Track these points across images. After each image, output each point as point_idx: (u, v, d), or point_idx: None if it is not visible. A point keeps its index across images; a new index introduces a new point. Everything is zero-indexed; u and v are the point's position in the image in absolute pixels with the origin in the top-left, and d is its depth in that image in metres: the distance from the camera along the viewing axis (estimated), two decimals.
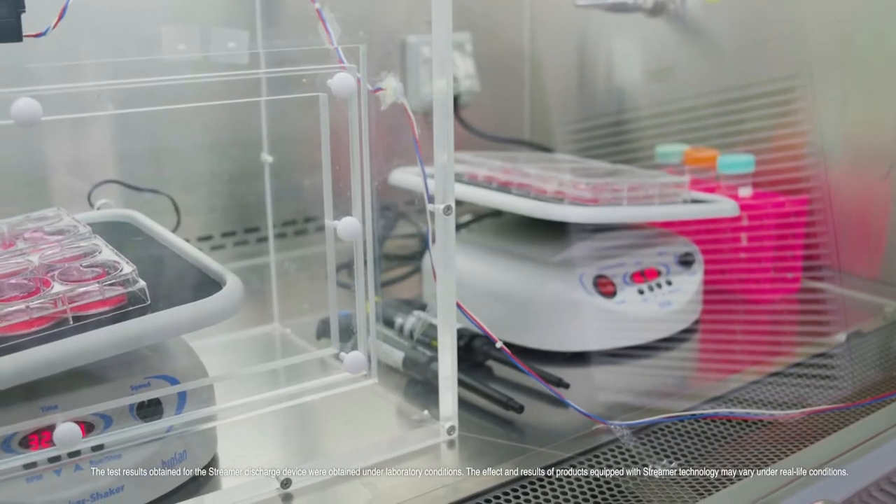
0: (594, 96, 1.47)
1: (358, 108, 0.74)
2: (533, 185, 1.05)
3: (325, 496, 0.75)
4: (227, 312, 0.73)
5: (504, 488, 0.75)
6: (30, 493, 0.67)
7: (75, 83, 0.65)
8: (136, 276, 0.73)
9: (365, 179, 0.76)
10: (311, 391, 0.79)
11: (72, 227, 0.86)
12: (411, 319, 0.98)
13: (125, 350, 0.70)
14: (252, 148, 1.20)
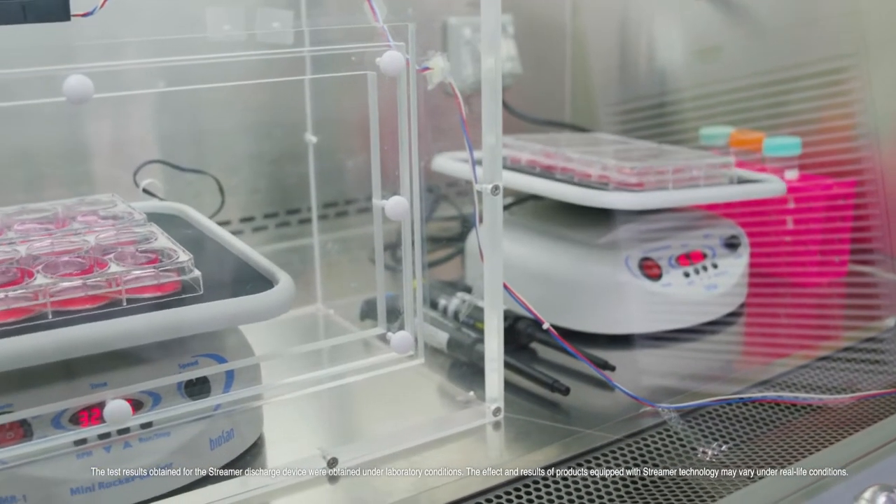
0: (636, 78, 1.46)
1: (406, 86, 0.74)
2: (576, 170, 1.04)
3: (371, 476, 0.74)
4: (280, 309, 0.73)
5: (551, 469, 0.75)
6: (80, 469, 0.68)
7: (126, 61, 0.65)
8: (192, 265, 0.73)
9: (413, 159, 0.76)
10: (358, 371, 0.79)
11: (126, 213, 0.87)
12: (455, 301, 0.98)
13: (176, 336, 0.70)
14: (293, 129, 1.20)
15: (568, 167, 1.05)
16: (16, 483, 0.66)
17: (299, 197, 1.29)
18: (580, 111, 1.53)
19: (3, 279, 0.71)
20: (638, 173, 0.99)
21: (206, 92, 1.22)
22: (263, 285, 0.75)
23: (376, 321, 0.98)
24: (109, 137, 1.17)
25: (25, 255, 0.76)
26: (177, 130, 1.21)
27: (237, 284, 0.76)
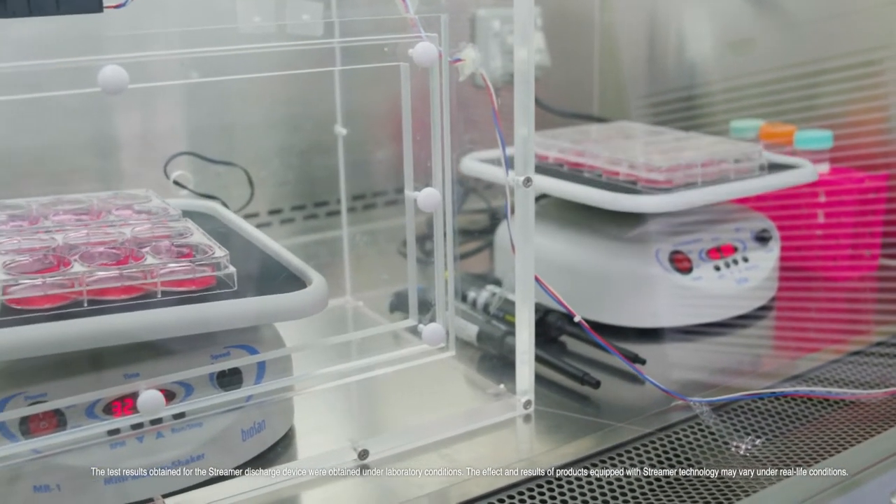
0: (665, 71, 1.45)
1: (439, 77, 0.73)
2: (605, 168, 1.03)
3: (402, 468, 0.74)
4: (315, 308, 0.74)
5: (584, 462, 0.74)
6: (113, 459, 0.68)
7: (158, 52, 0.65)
8: (227, 261, 0.73)
9: (445, 150, 0.75)
10: (389, 363, 0.79)
11: (161, 208, 0.87)
12: (484, 294, 0.98)
13: (211, 330, 0.70)
14: (321, 122, 1.21)
15: (595, 165, 1.05)
16: (50, 472, 0.67)
17: (327, 189, 1.29)
18: (608, 104, 1.52)
19: (40, 266, 0.71)
20: (666, 171, 0.98)
21: (235, 84, 1.22)
22: (296, 284, 0.75)
23: (406, 313, 0.98)
24: (137, 130, 1.18)
25: (62, 244, 0.76)
26: (205, 123, 1.21)
27: (270, 282, 0.76)
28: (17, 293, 0.68)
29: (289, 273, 0.79)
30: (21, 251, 0.75)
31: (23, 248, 0.76)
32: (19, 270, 0.70)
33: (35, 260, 0.72)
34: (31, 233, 0.79)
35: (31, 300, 0.68)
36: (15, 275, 0.69)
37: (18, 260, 0.72)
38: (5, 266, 0.70)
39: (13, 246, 0.76)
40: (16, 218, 0.84)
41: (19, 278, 0.68)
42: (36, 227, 0.81)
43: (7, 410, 0.66)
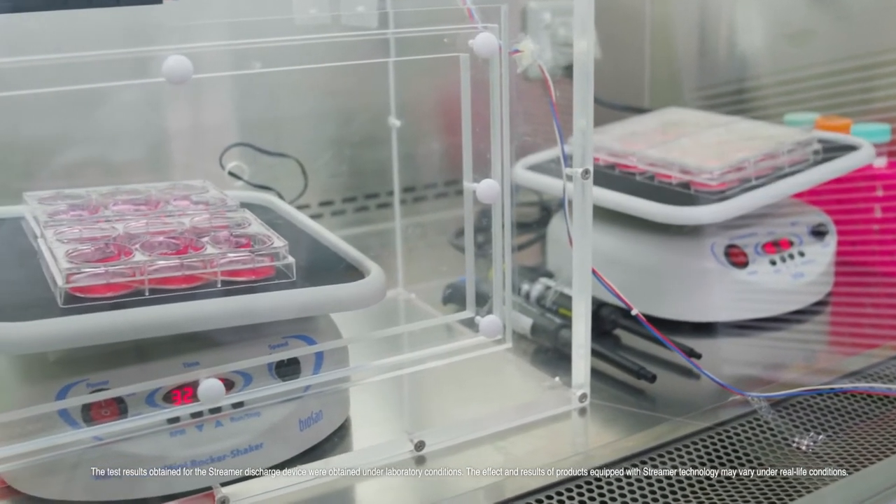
0: (716, 63, 1.44)
1: (499, 68, 0.73)
2: (658, 173, 1.03)
3: (458, 460, 0.74)
4: (374, 298, 0.74)
5: (642, 457, 0.74)
6: (173, 447, 0.69)
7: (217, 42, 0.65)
8: (287, 251, 0.73)
9: (505, 142, 0.75)
10: (446, 354, 0.79)
11: (219, 199, 0.87)
12: (538, 286, 0.97)
13: (269, 319, 0.71)
14: (371, 114, 1.21)
15: (646, 168, 1.04)
16: (112, 459, 0.67)
17: (378, 181, 1.29)
18: (659, 96, 1.50)
19: (101, 255, 0.72)
20: (719, 175, 0.98)
21: (286, 77, 1.22)
22: (354, 275, 0.75)
23: (459, 305, 0.98)
24: (189, 123, 1.18)
25: (122, 234, 0.77)
26: (256, 115, 1.22)
27: (327, 273, 0.76)
28: (80, 282, 0.68)
29: (346, 263, 0.79)
30: (82, 240, 0.75)
31: (84, 237, 0.76)
32: (81, 259, 0.71)
33: (96, 249, 0.73)
34: (91, 222, 0.80)
35: (93, 289, 0.69)
36: (77, 263, 0.70)
37: (80, 249, 0.73)
38: (68, 255, 0.71)
39: (74, 235, 0.76)
40: (76, 207, 0.84)
41: (82, 267, 0.69)
42: (96, 217, 0.82)
43: (69, 397, 0.67)
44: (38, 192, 0.88)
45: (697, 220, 0.96)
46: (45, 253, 0.73)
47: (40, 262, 0.75)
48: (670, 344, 0.84)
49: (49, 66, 0.61)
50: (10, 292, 0.72)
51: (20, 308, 0.67)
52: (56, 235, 0.76)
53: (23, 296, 0.71)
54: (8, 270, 0.77)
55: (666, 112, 1.24)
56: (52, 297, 0.68)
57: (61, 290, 0.67)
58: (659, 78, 1.51)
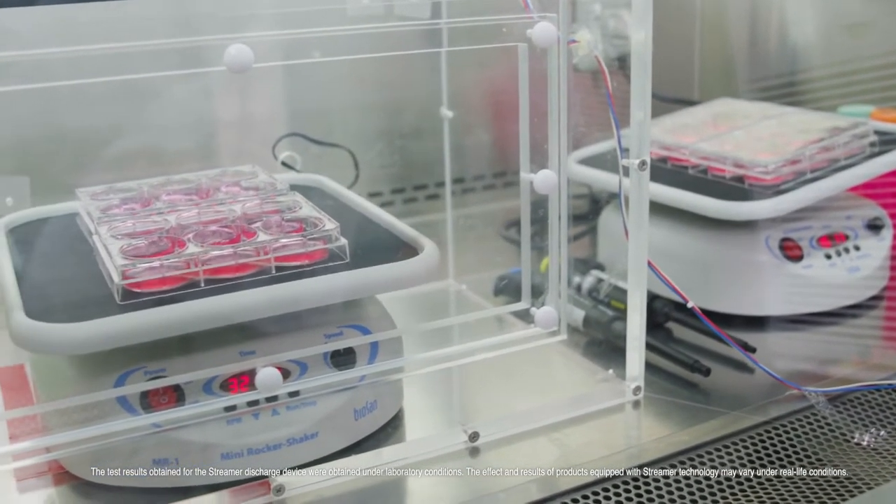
0: (767, 54, 1.42)
1: (558, 58, 0.73)
2: (711, 166, 1.02)
3: (512, 451, 0.74)
4: (428, 275, 0.74)
5: (698, 451, 0.73)
6: (230, 435, 0.69)
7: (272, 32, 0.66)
8: (339, 233, 0.73)
9: (562, 132, 0.75)
10: (501, 346, 0.78)
11: (268, 183, 0.88)
12: (589, 279, 0.97)
13: (325, 303, 0.71)
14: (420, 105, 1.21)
15: (699, 162, 1.03)
16: (169, 446, 0.68)
17: (426, 172, 1.29)
18: (710, 88, 1.49)
19: (156, 248, 0.72)
20: (774, 169, 0.96)
21: (337, 68, 1.22)
22: (409, 253, 0.75)
23: (511, 297, 0.98)
24: (239, 113, 1.19)
25: (175, 225, 0.77)
26: (307, 106, 1.22)
27: (382, 252, 0.76)
28: (136, 277, 0.69)
29: (399, 241, 0.79)
30: (136, 234, 0.76)
31: (137, 231, 0.77)
32: (136, 254, 0.71)
33: (150, 243, 0.73)
34: (144, 215, 0.81)
35: (149, 283, 0.69)
36: (132, 259, 0.70)
37: (134, 244, 0.73)
38: (122, 251, 0.71)
39: (128, 230, 0.77)
40: (128, 201, 0.85)
41: (137, 262, 0.69)
42: (148, 210, 0.82)
43: (127, 385, 0.67)
44: (91, 188, 0.88)
45: (753, 215, 0.94)
46: (101, 250, 0.74)
47: (97, 259, 0.75)
48: (726, 337, 0.83)
49: (102, 56, 0.61)
50: (71, 291, 0.73)
51: (80, 307, 0.68)
52: (110, 231, 0.76)
53: (82, 294, 0.71)
54: (67, 268, 0.78)
55: (717, 103, 1.23)
56: (111, 294, 0.69)
57: (118, 286, 0.68)
58: (709, 69, 1.50)
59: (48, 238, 0.85)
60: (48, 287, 0.73)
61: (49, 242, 0.85)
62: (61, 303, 0.70)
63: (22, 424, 0.74)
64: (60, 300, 0.71)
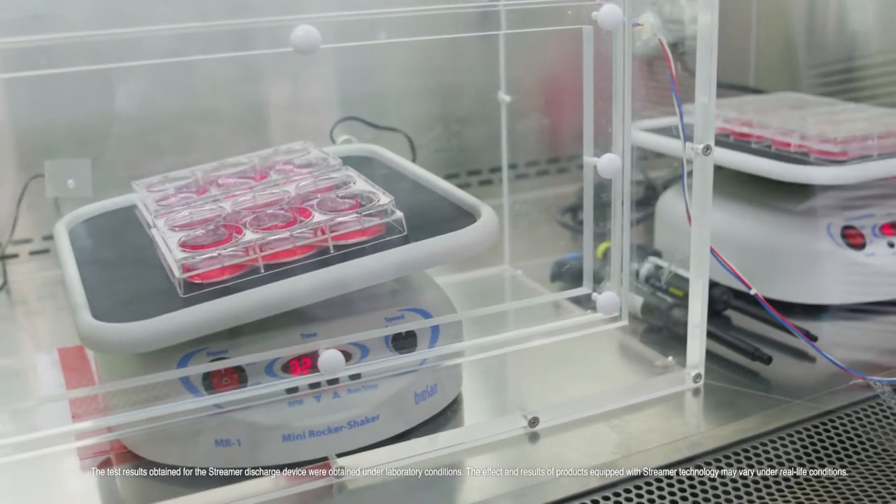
0: (825, 41, 1.40)
1: (623, 41, 0.72)
2: (774, 139, 1.00)
3: (572, 437, 0.74)
4: (486, 243, 0.73)
5: (762, 439, 0.72)
6: (291, 417, 0.69)
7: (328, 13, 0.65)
8: (394, 206, 0.73)
9: (626, 116, 0.74)
10: (561, 331, 0.78)
11: (321, 159, 0.87)
12: (647, 265, 0.96)
13: (387, 279, 0.71)
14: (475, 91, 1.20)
15: (764, 136, 1.01)
16: (231, 427, 0.68)
17: (479, 158, 1.28)
18: (766, 75, 1.47)
19: (214, 237, 0.72)
20: (841, 143, 0.95)
21: (391, 53, 1.22)
22: (466, 220, 0.75)
23: (567, 283, 0.98)
24: (295, 98, 1.19)
25: (230, 211, 0.77)
26: (360, 91, 1.22)
27: (440, 221, 0.76)
28: (196, 269, 0.69)
29: (456, 208, 0.79)
30: (193, 224, 0.76)
31: (194, 220, 0.77)
32: (194, 245, 0.71)
33: (208, 232, 0.73)
34: (199, 204, 0.80)
35: (210, 274, 0.69)
36: (191, 251, 0.70)
37: (192, 234, 0.73)
38: (181, 243, 0.72)
39: (185, 220, 0.77)
40: (183, 190, 0.85)
41: (196, 254, 0.70)
42: (204, 198, 0.82)
43: (191, 366, 0.67)
44: (146, 179, 0.89)
45: (815, 179, 0.93)
46: (160, 243, 0.74)
47: (157, 252, 0.75)
48: (790, 325, 0.82)
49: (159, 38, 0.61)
50: (134, 286, 0.73)
51: (144, 302, 0.68)
52: (167, 223, 0.76)
53: (146, 289, 0.72)
54: (129, 263, 0.78)
55: (782, 97, 1.21)
56: (174, 288, 0.69)
57: (179, 280, 0.68)
58: (766, 55, 1.48)
59: (109, 234, 0.86)
60: (112, 284, 0.74)
61: (110, 238, 0.86)
62: (125, 299, 0.71)
63: (84, 404, 0.75)
64: (124, 297, 0.71)
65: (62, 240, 0.82)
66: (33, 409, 0.74)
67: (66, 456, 0.72)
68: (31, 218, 1.09)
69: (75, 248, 0.80)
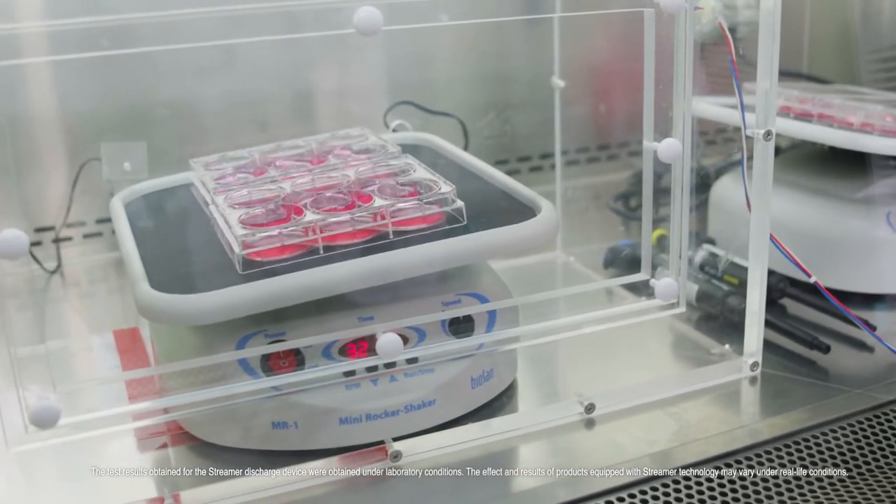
0: (878, 30, 1.38)
1: (685, 24, 0.71)
2: (836, 117, 0.99)
3: (628, 424, 0.73)
4: (546, 237, 0.73)
5: (822, 428, 0.71)
6: (349, 400, 0.69)
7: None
8: (455, 195, 0.73)
9: (687, 100, 0.73)
10: (617, 317, 0.77)
11: (379, 146, 0.87)
12: (701, 253, 0.95)
13: (445, 267, 0.71)
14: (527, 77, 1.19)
15: (826, 113, 1.00)
16: (288, 409, 0.68)
17: (529, 144, 1.28)
18: (819, 64, 1.45)
19: (273, 217, 0.72)
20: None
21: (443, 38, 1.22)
22: (524, 213, 0.75)
23: (620, 269, 0.97)
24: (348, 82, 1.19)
25: (290, 192, 0.77)
26: (413, 75, 1.22)
27: (497, 213, 0.75)
28: (255, 246, 0.69)
29: (515, 202, 0.78)
30: (252, 203, 0.76)
31: (253, 199, 0.77)
32: (254, 223, 0.71)
33: (267, 211, 0.73)
34: (258, 184, 0.81)
35: (269, 252, 0.69)
36: (251, 228, 0.70)
37: (252, 213, 0.73)
38: (241, 221, 0.72)
39: (244, 199, 0.77)
40: (241, 169, 0.85)
41: (256, 231, 0.70)
42: (263, 178, 0.82)
43: (248, 347, 0.67)
44: (204, 158, 0.89)
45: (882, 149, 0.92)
46: (219, 220, 0.74)
47: (215, 229, 0.76)
48: (851, 314, 0.81)
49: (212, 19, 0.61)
50: (191, 261, 0.74)
51: (201, 277, 0.69)
52: (226, 201, 0.76)
53: (203, 264, 0.72)
54: (185, 239, 0.79)
55: (838, 88, 1.19)
56: (231, 263, 0.69)
57: (239, 256, 0.68)
58: (819, 44, 1.46)
59: (165, 210, 0.86)
60: (169, 258, 0.74)
61: (166, 214, 0.86)
62: (183, 273, 0.71)
63: (140, 385, 0.75)
64: (182, 271, 0.72)
65: (119, 214, 0.83)
66: (92, 390, 0.74)
67: (123, 436, 0.73)
68: (83, 201, 1.10)
69: (132, 222, 0.80)
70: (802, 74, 1.41)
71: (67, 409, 0.61)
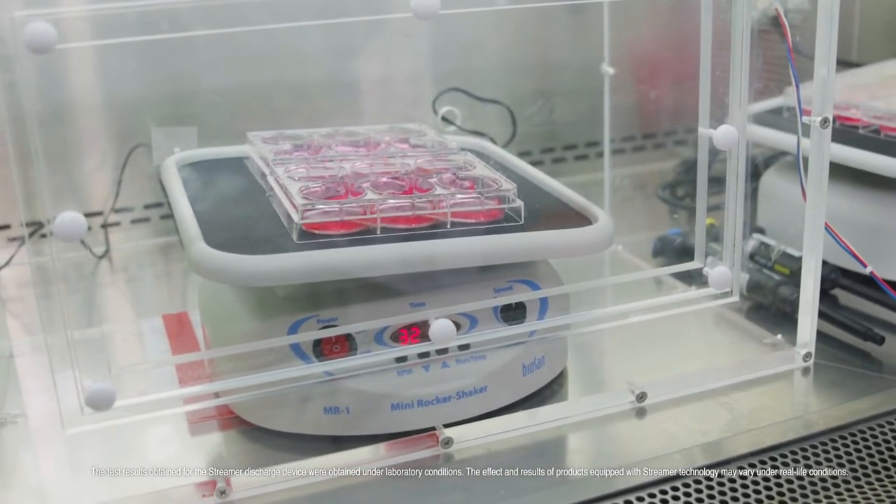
0: None
1: (743, 8, 0.70)
2: (884, 125, 0.97)
3: (681, 413, 0.73)
4: (604, 244, 0.73)
5: (879, 420, 0.71)
6: (401, 386, 0.69)
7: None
8: (515, 194, 0.73)
9: (743, 86, 0.72)
10: (670, 306, 0.77)
11: (437, 143, 0.87)
12: (752, 242, 0.94)
13: (499, 262, 0.71)
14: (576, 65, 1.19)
15: (870, 121, 0.98)
16: (340, 394, 0.68)
17: (575, 132, 1.27)
18: (869, 50, 1.44)
19: (332, 193, 0.72)
20: None
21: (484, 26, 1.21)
22: (581, 221, 0.74)
23: (668, 259, 0.97)
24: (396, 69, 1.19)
25: (350, 173, 0.77)
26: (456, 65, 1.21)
27: (554, 218, 0.75)
28: (314, 218, 0.69)
29: (569, 209, 0.78)
30: (311, 178, 0.76)
31: (312, 175, 0.77)
32: (314, 196, 0.71)
33: (326, 188, 0.73)
34: (316, 162, 0.81)
35: (326, 225, 0.69)
36: (312, 200, 0.70)
37: (311, 187, 0.73)
38: (301, 192, 0.72)
39: (303, 174, 0.77)
40: (299, 148, 0.85)
41: (316, 203, 0.70)
42: (321, 157, 0.82)
43: (300, 332, 0.67)
44: (261, 132, 0.89)
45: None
46: (277, 189, 0.75)
47: (270, 200, 0.76)
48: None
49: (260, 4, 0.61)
50: (246, 227, 0.73)
51: (257, 242, 0.68)
52: (287, 173, 0.77)
53: (258, 231, 0.72)
54: (240, 206, 0.78)
55: (885, 65, 1.18)
56: (286, 233, 0.69)
57: (296, 225, 0.68)
58: (869, 30, 1.44)
59: (218, 178, 0.86)
60: (223, 223, 0.74)
61: (221, 181, 0.86)
62: (238, 237, 0.70)
63: (191, 369, 0.75)
64: (237, 235, 0.71)
65: (172, 175, 0.83)
66: (143, 374, 0.74)
67: (174, 420, 0.73)
68: (131, 187, 1.11)
69: (186, 185, 0.81)
70: (852, 63, 1.39)
71: (119, 392, 0.62)
